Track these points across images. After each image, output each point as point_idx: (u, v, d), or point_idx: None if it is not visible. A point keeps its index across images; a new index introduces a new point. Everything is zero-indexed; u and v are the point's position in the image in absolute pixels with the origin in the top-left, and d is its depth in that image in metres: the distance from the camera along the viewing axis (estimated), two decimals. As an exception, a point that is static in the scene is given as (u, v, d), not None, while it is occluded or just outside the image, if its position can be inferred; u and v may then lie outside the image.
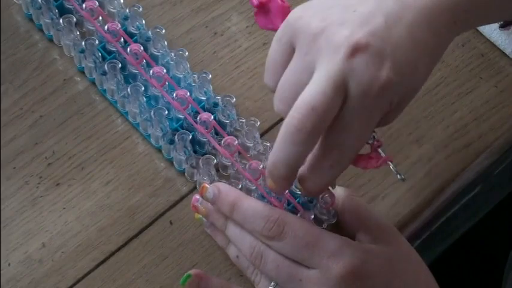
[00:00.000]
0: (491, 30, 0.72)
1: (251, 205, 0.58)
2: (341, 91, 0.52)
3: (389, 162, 0.56)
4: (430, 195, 0.66)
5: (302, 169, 0.56)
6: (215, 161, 0.64)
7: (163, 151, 0.66)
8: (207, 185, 0.60)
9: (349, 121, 0.53)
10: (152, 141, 0.67)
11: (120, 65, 0.67)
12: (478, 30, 0.73)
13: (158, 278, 0.62)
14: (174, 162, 0.66)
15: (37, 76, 0.69)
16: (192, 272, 0.59)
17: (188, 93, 0.65)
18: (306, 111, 0.51)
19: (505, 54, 0.72)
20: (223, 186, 0.60)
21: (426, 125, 0.69)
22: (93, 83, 0.69)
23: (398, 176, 0.57)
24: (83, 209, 0.64)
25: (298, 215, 0.61)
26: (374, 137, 0.56)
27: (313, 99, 0.51)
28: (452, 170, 0.67)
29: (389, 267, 0.57)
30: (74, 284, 0.62)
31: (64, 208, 0.64)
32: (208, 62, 0.71)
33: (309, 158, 0.55)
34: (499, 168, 0.74)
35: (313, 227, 0.57)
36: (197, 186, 0.65)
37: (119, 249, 0.63)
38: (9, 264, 0.62)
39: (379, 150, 0.56)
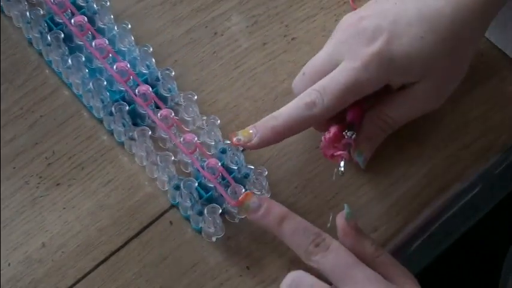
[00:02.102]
0: (491, 30, 0.72)
1: (301, 221, 0.60)
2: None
3: (343, 159, 0.62)
4: (430, 195, 0.66)
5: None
6: (150, 132, 0.65)
7: (104, 123, 0.67)
8: (252, 195, 0.61)
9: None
10: (94, 113, 0.67)
11: (62, 35, 0.68)
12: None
13: (158, 278, 0.62)
14: (114, 134, 0.66)
15: (37, 76, 0.69)
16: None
17: (128, 65, 0.66)
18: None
19: (505, 54, 0.72)
20: (270, 201, 0.61)
21: (426, 125, 0.68)
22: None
23: (340, 169, 0.62)
24: (83, 209, 0.64)
25: (229, 189, 0.62)
26: (352, 135, 0.63)
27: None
28: (452, 170, 0.67)
29: None
30: (74, 284, 0.62)
31: (64, 208, 0.64)
32: (208, 62, 0.71)
33: None
34: (500, 168, 0.74)
35: (350, 252, 0.58)
36: (136, 159, 0.66)
37: (118, 249, 0.63)
38: (9, 264, 0.62)
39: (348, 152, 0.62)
